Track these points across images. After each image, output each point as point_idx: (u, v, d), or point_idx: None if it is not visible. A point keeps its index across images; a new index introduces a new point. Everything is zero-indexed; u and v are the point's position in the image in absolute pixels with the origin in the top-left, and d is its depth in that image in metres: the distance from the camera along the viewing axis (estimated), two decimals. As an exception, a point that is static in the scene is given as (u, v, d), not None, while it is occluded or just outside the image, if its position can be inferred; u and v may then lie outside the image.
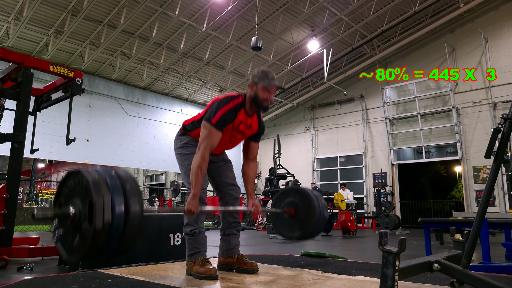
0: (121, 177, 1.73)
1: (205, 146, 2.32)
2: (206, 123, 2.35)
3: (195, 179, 2.28)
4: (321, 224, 2.92)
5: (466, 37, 12.35)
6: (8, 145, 3.74)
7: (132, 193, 1.69)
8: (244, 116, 2.47)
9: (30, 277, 2.37)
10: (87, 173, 1.66)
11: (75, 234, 1.66)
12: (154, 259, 3.25)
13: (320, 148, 15.50)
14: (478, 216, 1.68)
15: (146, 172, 23.00)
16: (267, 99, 2.43)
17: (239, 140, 2.61)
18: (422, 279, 2.29)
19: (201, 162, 2.29)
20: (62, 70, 4.12)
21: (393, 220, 9.00)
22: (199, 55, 12.88)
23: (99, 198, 1.59)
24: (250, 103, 2.46)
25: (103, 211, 1.58)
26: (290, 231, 2.97)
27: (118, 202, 1.63)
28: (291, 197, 2.99)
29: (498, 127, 1.67)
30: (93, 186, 1.60)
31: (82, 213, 1.63)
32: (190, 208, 2.24)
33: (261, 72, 2.47)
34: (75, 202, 1.67)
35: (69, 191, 1.74)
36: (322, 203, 2.90)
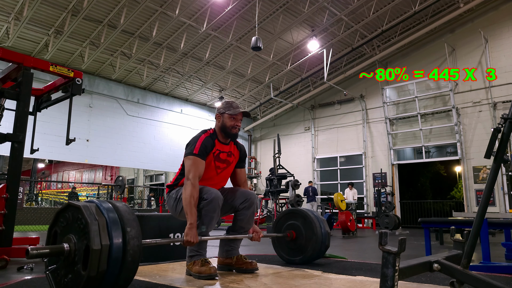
0: (123, 217, 1.66)
1: (193, 175, 2.36)
2: (189, 156, 2.42)
3: (189, 209, 2.27)
4: (322, 250, 2.92)
5: (466, 37, 12.35)
6: (8, 145, 3.74)
7: (131, 237, 1.62)
8: (220, 145, 2.57)
9: (30, 277, 2.37)
10: (88, 213, 1.59)
11: (68, 272, 1.61)
12: (154, 259, 3.25)
13: (320, 148, 15.50)
14: (478, 216, 1.68)
15: (146, 172, 22.99)
16: (235, 125, 2.55)
17: (225, 172, 2.64)
18: (422, 279, 2.29)
19: (192, 191, 2.30)
20: (62, 70, 4.12)
21: (393, 220, 9.00)
22: (199, 55, 12.88)
23: (97, 246, 1.52)
24: (220, 132, 2.57)
25: (99, 260, 1.52)
26: (291, 255, 2.97)
27: (116, 250, 1.57)
28: (293, 219, 2.99)
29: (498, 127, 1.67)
30: (91, 231, 1.53)
31: (77, 253, 1.58)
32: (188, 240, 2.23)
33: (225, 103, 2.61)
34: (71, 239, 1.61)
35: (67, 224, 1.68)
36: (324, 230, 2.90)
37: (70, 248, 1.60)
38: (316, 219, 2.91)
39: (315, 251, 2.87)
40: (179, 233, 3.60)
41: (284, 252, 3.03)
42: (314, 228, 2.85)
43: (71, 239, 1.61)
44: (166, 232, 3.52)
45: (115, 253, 1.56)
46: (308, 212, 2.98)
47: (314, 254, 2.89)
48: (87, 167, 26.51)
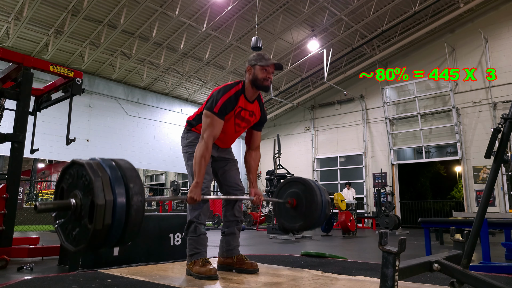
0: (126, 174, 1.72)
1: (208, 135, 2.34)
2: (208, 112, 2.37)
3: (198, 168, 2.29)
4: (322, 218, 2.91)
5: (466, 37, 12.35)
6: (8, 145, 3.74)
7: (135, 193, 1.68)
8: (245, 102, 2.49)
9: (30, 277, 2.37)
10: (92, 170, 1.65)
11: (75, 226, 1.68)
12: (154, 259, 3.25)
13: (320, 148, 15.50)
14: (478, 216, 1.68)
15: (146, 172, 23.00)
16: (267, 78, 2.44)
17: (243, 129, 2.61)
18: (422, 279, 2.29)
19: (204, 152, 2.30)
20: (62, 70, 4.12)
21: (393, 220, 9.00)
22: (199, 55, 12.88)
23: (101, 201, 1.58)
24: (251, 86, 2.47)
25: (104, 214, 1.58)
26: (291, 222, 2.96)
27: (120, 205, 1.63)
28: (294, 187, 2.99)
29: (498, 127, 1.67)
30: (95, 187, 1.60)
31: (83, 209, 1.64)
32: (192, 196, 2.24)
33: (256, 54, 2.50)
34: (77, 194, 1.68)
35: (72, 181, 1.75)
36: (325, 198, 2.89)
37: (77, 203, 1.66)
38: (317, 188, 2.90)
39: (315, 218, 2.85)
40: (179, 233, 3.60)
41: (284, 219, 3.02)
42: (314, 196, 2.84)
43: (77, 195, 1.68)
44: (166, 232, 3.52)
45: (119, 208, 1.62)
46: (309, 181, 2.98)
47: (314, 221, 2.86)
48: (87, 167, 26.47)
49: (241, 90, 2.47)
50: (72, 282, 2.13)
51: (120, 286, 2.06)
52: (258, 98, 2.58)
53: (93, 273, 2.44)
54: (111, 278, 2.27)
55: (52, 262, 3.63)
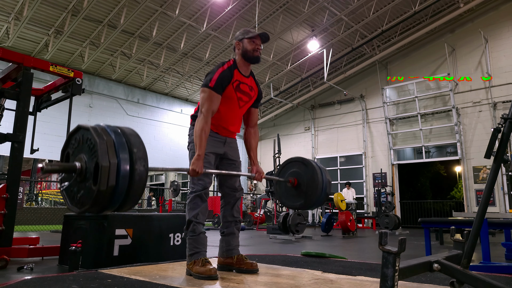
0: (130, 139, 1.76)
1: (206, 109, 2.38)
2: (205, 88, 2.42)
3: (199, 141, 2.33)
4: (322, 197, 2.90)
5: (466, 37, 12.35)
6: (8, 145, 3.74)
7: (138, 157, 1.72)
8: (240, 76, 2.54)
9: (30, 277, 2.37)
10: (97, 134, 1.69)
11: (80, 189, 1.72)
12: (154, 259, 3.25)
13: (320, 148, 15.50)
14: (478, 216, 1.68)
15: (146, 172, 22.96)
16: (256, 49, 2.52)
17: (247, 104, 2.63)
18: (422, 279, 2.29)
19: (204, 125, 2.35)
20: (62, 70, 4.12)
21: (393, 220, 9.00)
22: (199, 55, 12.88)
23: (106, 162, 1.62)
24: (242, 60, 2.55)
25: (108, 175, 1.62)
26: (292, 201, 2.96)
27: (124, 167, 1.67)
28: (295, 167, 2.99)
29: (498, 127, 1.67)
30: (100, 150, 1.64)
31: (88, 171, 1.68)
32: (194, 168, 2.28)
33: (242, 30, 2.60)
34: (82, 158, 1.72)
35: (78, 145, 1.78)
36: (325, 177, 2.89)
37: (82, 166, 1.70)
38: (318, 168, 2.91)
39: (315, 197, 2.85)
40: (179, 233, 3.60)
41: (285, 199, 3.02)
42: (315, 175, 2.84)
43: (82, 159, 1.72)
44: (166, 232, 3.52)
45: (123, 171, 1.67)
46: (310, 161, 2.98)
47: (314, 199, 2.86)
48: (87, 167, 26.47)
49: (234, 65, 2.53)
50: (72, 282, 2.13)
51: (120, 286, 2.06)
52: (252, 74, 2.66)
53: (93, 273, 2.44)
54: (111, 278, 2.27)
55: (52, 262, 3.62)
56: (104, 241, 3.09)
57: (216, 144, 2.56)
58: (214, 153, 2.53)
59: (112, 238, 3.11)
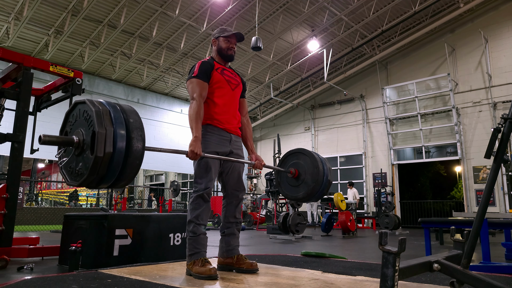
0: (125, 111, 1.78)
1: (197, 94, 2.46)
2: (191, 79, 2.54)
3: (194, 124, 2.39)
4: (324, 186, 2.90)
5: (466, 37, 12.35)
6: (8, 145, 3.74)
7: (135, 127, 1.73)
8: (221, 66, 2.66)
9: (30, 277, 2.37)
10: (92, 104, 1.71)
11: (78, 161, 1.74)
12: (154, 259, 3.25)
13: (320, 148, 15.50)
14: (478, 216, 1.68)
15: (146, 172, 23.00)
16: (230, 47, 2.67)
17: (238, 87, 2.71)
18: (422, 279, 2.29)
19: (197, 108, 2.43)
20: (62, 70, 4.12)
21: (393, 220, 9.00)
22: (199, 55, 12.88)
23: (102, 129, 1.64)
24: (218, 57, 2.69)
25: (105, 142, 1.63)
26: (294, 192, 2.96)
27: (120, 135, 1.68)
28: (295, 158, 2.99)
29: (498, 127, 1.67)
30: (96, 117, 1.65)
31: (85, 142, 1.70)
32: (193, 150, 2.30)
33: (219, 28, 2.74)
34: (79, 132, 1.74)
35: (75, 121, 1.80)
36: (326, 167, 2.89)
37: (79, 139, 1.73)
38: (318, 157, 2.91)
39: (317, 186, 2.85)
40: (179, 233, 3.60)
41: (287, 190, 3.02)
42: (316, 164, 2.84)
43: (79, 132, 1.75)
44: (166, 232, 3.52)
45: (119, 138, 1.67)
46: (310, 151, 2.98)
47: (316, 189, 2.85)
48: (87, 167, 26.47)
49: (211, 59, 2.68)
50: (72, 282, 2.13)
51: (120, 286, 2.06)
52: (230, 67, 2.77)
53: (93, 273, 2.44)
54: (111, 278, 2.27)
55: (52, 262, 3.62)
56: (104, 241, 3.09)
57: (222, 142, 2.55)
58: (218, 153, 2.51)
59: (112, 238, 3.11)
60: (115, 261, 3.04)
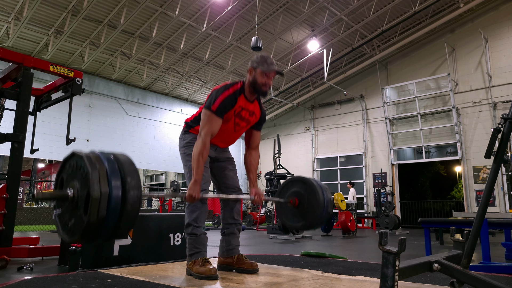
0: (123, 168, 1.72)
1: (206, 132, 2.32)
2: (207, 110, 2.36)
3: (196, 165, 2.28)
4: (324, 217, 2.89)
5: (466, 37, 12.35)
6: (8, 145, 3.74)
7: (132, 186, 1.68)
8: (245, 102, 2.47)
9: (30, 277, 2.37)
10: (90, 162, 1.66)
11: (71, 217, 1.69)
12: (154, 259, 3.25)
13: (320, 148, 15.50)
14: (478, 216, 1.68)
15: (146, 172, 22.99)
16: (266, 83, 2.43)
17: (243, 129, 2.60)
18: (422, 279, 2.29)
19: (202, 149, 2.29)
20: (62, 70, 4.12)
21: (393, 220, 9.00)
22: (199, 55, 12.88)
23: (96, 193, 1.59)
24: (250, 88, 2.46)
25: (99, 206, 1.59)
26: (294, 221, 2.95)
27: (116, 197, 1.63)
28: (296, 187, 2.97)
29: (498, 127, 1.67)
30: (92, 179, 1.61)
31: (79, 200, 1.66)
32: (191, 194, 2.24)
33: (260, 57, 2.46)
34: (74, 185, 1.69)
35: (72, 172, 1.76)
36: (327, 196, 2.87)
37: (74, 194, 1.67)
38: (319, 186, 2.89)
39: (317, 217, 2.84)
40: (179, 233, 3.60)
41: (287, 219, 3.01)
42: (316, 194, 2.83)
43: (74, 186, 1.70)
44: (166, 232, 3.52)
45: (114, 201, 1.63)
46: (311, 180, 2.96)
47: (316, 219, 2.85)
48: (87, 167, 26.48)
49: (241, 90, 2.46)
50: (72, 282, 2.13)
51: (120, 286, 2.06)
52: (258, 97, 2.58)
53: (93, 273, 2.44)
54: (111, 278, 2.27)
55: (52, 262, 3.62)
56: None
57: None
58: (205, 175, 2.48)
59: (112, 238, 3.11)
60: (115, 261, 3.04)
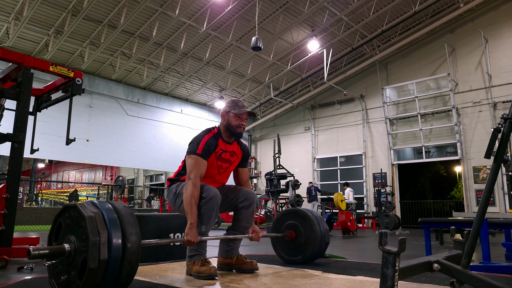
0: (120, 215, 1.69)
1: (194, 175, 2.36)
2: (192, 155, 2.42)
3: (190, 208, 2.27)
4: (323, 249, 2.93)
5: (466, 37, 12.35)
6: (8, 145, 3.74)
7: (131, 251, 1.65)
8: (224, 144, 2.57)
9: (30, 277, 2.37)
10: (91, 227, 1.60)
11: (65, 271, 1.64)
12: (154, 259, 3.25)
13: (320, 148, 15.50)
14: (478, 216, 1.68)
15: (146, 172, 22.99)
16: (240, 125, 2.55)
17: (227, 171, 2.65)
18: (422, 279, 2.29)
19: (193, 190, 2.30)
20: (62, 70, 4.12)
21: (393, 220, 9.00)
22: (199, 55, 12.88)
23: (93, 265, 1.55)
24: (225, 131, 2.57)
25: (95, 275, 1.55)
26: (291, 255, 2.97)
27: (113, 266, 1.60)
28: (291, 219, 2.99)
29: (498, 127, 1.67)
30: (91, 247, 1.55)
31: (75, 260, 1.61)
32: (189, 239, 2.23)
33: (231, 101, 2.60)
34: (71, 239, 1.64)
35: (71, 222, 1.71)
36: (323, 227, 2.90)
37: (71, 250, 1.63)
38: (315, 218, 2.92)
39: (315, 250, 2.88)
40: (179, 233, 3.60)
41: (284, 252, 3.04)
42: (313, 227, 2.86)
43: (71, 240, 1.64)
44: (166, 232, 3.51)
45: (111, 269, 1.60)
46: (306, 212, 2.99)
47: (314, 252, 2.89)
48: (87, 167, 26.51)
49: (218, 134, 2.56)
50: (72, 282, 2.13)
51: (120, 286, 2.05)
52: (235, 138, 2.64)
53: (93, 273, 2.43)
54: (111, 278, 2.26)
55: (52, 262, 3.62)
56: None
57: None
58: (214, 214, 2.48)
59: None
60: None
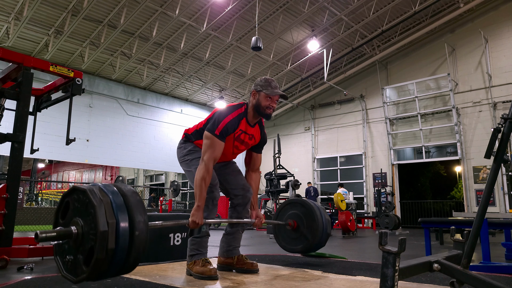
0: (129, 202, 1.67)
1: (208, 157, 2.30)
2: (209, 134, 2.35)
3: (199, 191, 2.25)
4: (324, 239, 2.92)
5: (466, 37, 12.35)
6: (8, 145, 3.74)
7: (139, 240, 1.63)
8: (245, 126, 2.48)
9: (30, 277, 2.37)
10: (100, 214, 1.57)
11: (76, 255, 1.62)
12: (154, 259, 3.25)
13: (320, 148, 15.50)
14: (478, 216, 1.68)
15: (146, 172, 22.99)
16: (270, 106, 2.44)
17: (241, 151, 2.60)
18: (422, 279, 2.29)
19: (205, 174, 2.26)
20: (62, 70, 4.12)
21: (393, 220, 8.99)
22: (199, 55, 12.88)
23: (104, 228, 1.53)
24: (253, 111, 2.47)
25: (107, 241, 1.54)
26: (292, 244, 2.97)
27: (123, 229, 1.58)
28: (294, 209, 2.99)
29: (498, 127, 1.67)
30: (99, 239, 1.53)
31: (85, 237, 1.59)
32: (194, 220, 2.22)
33: (264, 80, 2.47)
34: (78, 222, 1.62)
35: (74, 207, 1.69)
36: (325, 218, 2.89)
37: (78, 233, 1.61)
38: (317, 208, 2.91)
39: (316, 239, 2.87)
40: (179, 233, 3.60)
41: (285, 242, 3.03)
42: (314, 217, 2.85)
43: (78, 224, 1.62)
44: (166, 232, 3.52)
45: (118, 257, 1.57)
46: (309, 202, 2.99)
47: (315, 242, 2.88)
48: (87, 167, 26.52)
49: (244, 113, 2.46)
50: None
51: (120, 286, 2.06)
52: (259, 121, 2.57)
53: (93, 273, 2.43)
54: (111, 278, 2.26)
55: (52, 262, 3.62)
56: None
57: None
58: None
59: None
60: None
